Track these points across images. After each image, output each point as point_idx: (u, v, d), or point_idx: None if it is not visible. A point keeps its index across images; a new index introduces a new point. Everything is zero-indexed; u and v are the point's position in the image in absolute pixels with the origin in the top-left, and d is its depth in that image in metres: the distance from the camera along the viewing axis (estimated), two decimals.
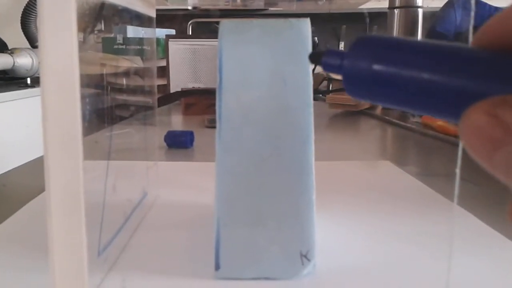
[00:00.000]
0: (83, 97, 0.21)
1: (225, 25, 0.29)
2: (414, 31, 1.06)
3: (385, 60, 0.12)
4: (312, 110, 0.28)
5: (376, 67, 0.12)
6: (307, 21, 0.29)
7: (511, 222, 0.12)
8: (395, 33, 1.07)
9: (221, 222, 0.28)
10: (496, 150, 0.10)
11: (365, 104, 1.04)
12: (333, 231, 0.36)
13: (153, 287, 0.28)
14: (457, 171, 0.19)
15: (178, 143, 0.66)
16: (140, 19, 0.39)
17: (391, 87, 0.12)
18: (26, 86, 0.82)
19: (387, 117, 0.94)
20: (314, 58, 0.15)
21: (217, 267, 0.28)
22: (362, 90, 0.13)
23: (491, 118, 0.10)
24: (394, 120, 0.91)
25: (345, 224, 0.38)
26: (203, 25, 2.11)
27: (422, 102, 0.11)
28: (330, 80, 1.38)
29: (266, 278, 0.28)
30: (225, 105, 0.28)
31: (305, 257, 0.28)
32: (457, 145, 0.14)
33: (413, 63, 0.11)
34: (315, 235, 0.29)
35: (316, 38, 1.30)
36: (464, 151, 0.12)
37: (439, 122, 0.79)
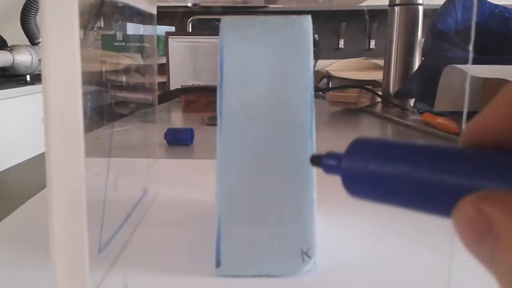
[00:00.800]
0: (84, 94, 0.21)
1: (226, 21, 0.29)
2: (414, 29, 1.06)
3: (380, 161, 0.13)
4: (313, 107, 0.28)
5: (372, 167, 0.13)
6: (309, 18, 0.29)
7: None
8: (396, 30, 1.07)
9: (222, 219, 0.28)
10: (481, 241, 0.11)
11: (365, 101, 1.04)
12: (334, 229, 0.36)
13: (154, 284, 0.28)
14: None
15: (178, 140, 0.66)
16: (141, 16, 0.39)
17: (387, 186, 0.13)
18: (26, 83, 0.82)
19: (387, 115, 0.94)
20: (315, 160, 0.15)
21: (218, 264, 0.28)
22: (360, 189, 0.13)
23: (477, 212, 0.11)
24: (394, 118, 0.91)
25: (346, 222, 0.38)
26: (203, 22, 2.11)
27: (418, 200, 0.12)
28: (330, 77, 1.38)
29: (267, 275, 0.28)
30: (226, 102, 0.28)
31: (306, 254, 0.28)
32: (457, 142, 0.14)
33: (405, 163, 0.12)
34: (316, 233, 0.29)
35: (316, 35, 1.30)
36: None
37: (439, 120, 0.79)
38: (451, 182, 0.11)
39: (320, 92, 1.19)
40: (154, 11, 0.42)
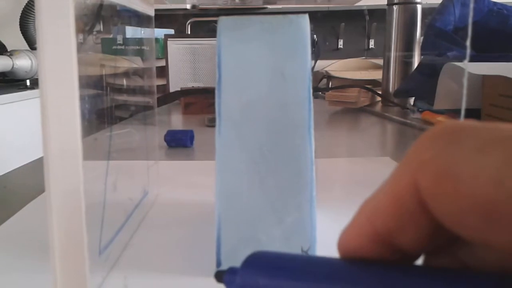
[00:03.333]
0: (82, 98, 0.21)
1: (224, 21, 0.29)
2: (413, 27, 1.06)
3: (268, 276, 0.14)
4: (311, 105, 0.28)
5: (262, 282, 0.14)
6: (306, 17, 0.29)
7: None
8: (394, 29, 1.07)
9: (222, 219, 0.28)
10: None
11: (364, 101, 1.04)
12: (333, 227, 0.36)
13: (155, 285, 0.28)
14: None
15: (178, 142, 0.67)
16: (139, 19, 0.39)
17: None
18: (26, 88, 0.83)
19: (386, 114, 0.94)
20: (219, 277, 0.16)
21: (218, 264, 0.28)
22: None
23: None
24: (394, 117, 0.91)
25: (346, 220, 0.37)
26: (202, 24, 2.11)
27: None
28: (330, 78, 1.38)
29: None
30: (225, 101, 0.28)
31: (306, 253, 0.28)
32: None
33: (291, 278, 0.13)
34: (316, 231, 0.29)
35: (315, 36, 1.30)
36: None
37: (439, 118, 0.79)
38: None
39: (320, 92, 1.19)
40: (152, 13, 0.42)
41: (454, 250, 0.12)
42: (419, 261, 0.13)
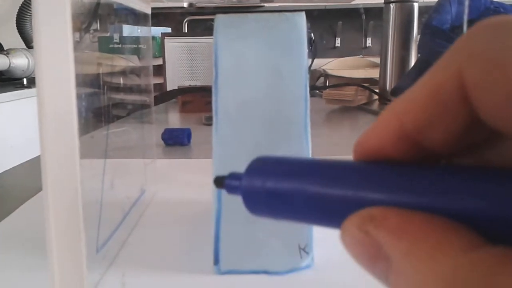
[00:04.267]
0: (79, 96, 0.21)
1: (220, 19, 0.29)
2: (410, 26, 1.06)
3: (276, 178, 0.13)
4: (308, 102, 0.28)
5: (269, 185, 0.13)
6: (302, 14, 0.29)
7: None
8: (391, 28, 1.07)
9: (220, 217, 0.28)
10: (374, 263, 0.11)
11: (362, 99, 1.04)
12: None
13: (152, 283, 0.28)
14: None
15: (176, 140, 0.67)
16: (135, 17, 0.39)
17: (285, 203, 0.13)
18: (23, 86, 0.82)
19: None
20: (218, 182, 0.16)
21: (216, 261, 0.28)
22: (260, 208, 0.14)
23: (363, 235, 0.11)
24: None
25: None
26: (199, 22, 2.11)
27: (315, 216, 0.13)
28: (327, 76, 1.38)
29: (265, 272, 0.28)
30: (221, 99, 0.28)
31: (304, 250, 0.28)
32: None
33: (300, 180, 0.12)
34: (313, 229, 0.29)
35: (312, 34, 1.30)
36: None
37: None
38: (341, 197, 0.12)
39: (317, 91, 1.20)
40: (148, 11, 0.42)
41: (481, 151, 0.12)
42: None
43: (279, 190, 0.13)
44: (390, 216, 0.10)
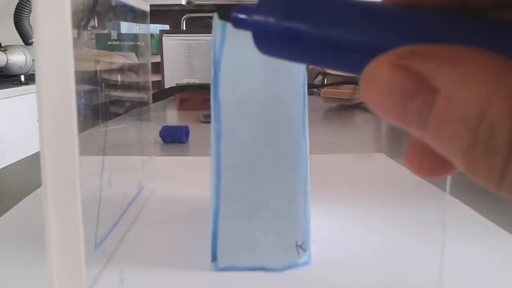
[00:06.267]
0: (78, 93, 0.21)
1: None
2: None
3: (294, 15, 0.11)
4: (306, 100, 0.29)
5: (285, 23, 0.11)
6: None
7: (408, 164, 0.12)
8: None
9: (217, 214, 0.28)
10: (409, 102, 0.10)
11: (359, 97, 1.04)
12: (328, 222, 0.36)
13: (150, 279, 0.28)
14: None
15: (174, 138, 0.67)
16: (134, 14, 0.39)
17: (303, 43, 0.11)
18: (20, 83, 0.82)
19: None
20: (223, 14, 0.14)
21: (214, 258, 0.29)
22: (271, 46, 0.12)
23: (400, 70, 0.10)
24: None
25: (340, 215, 0.38)
26: (197, 20, 2.11)
27: (330, 57, 0.11)
28: (325, 74, 1.38)
29: (262, 269, 0.28)
30: (220, 97, 0.28)
31: (301, 247, 0.29)
32: None
33: (322, 18, 0.11)
34: (310, 226, 0.29)
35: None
36: None
37: None
38: (369, 39, 0.10)
39: (315, 89, 1.20)
40: (147, 8, 0.42)
41: None
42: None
43: (297, 28, 0.11)
44: (437, 48, 0.10)
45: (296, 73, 0.29)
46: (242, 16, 0.13)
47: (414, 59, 0.10)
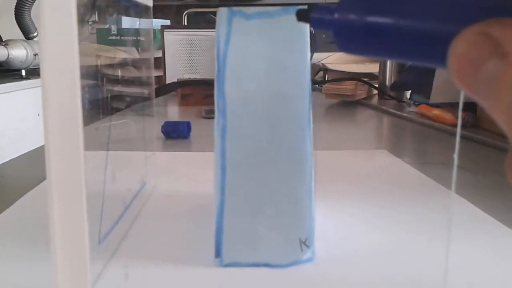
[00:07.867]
0: (82, 88, 0.21)
1: (223, 12, 0.29)
2: None
3: (377, 10, 0.12)
4: (310, 97, 0.28)
5: (369, 18, 0.12)
6: (305, 8, 0.29)
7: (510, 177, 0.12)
8: None
9: (222, 210, 0.28)
10: (480, 68, 0.11)
11: (361, 94, 1.04)
12: (331, 219, 0.36)
13: (154, 274, 0.28)
14: (455, 156, 0.19)
15: (175, 133, 0.67)
16: (137, 9, 0.39)
17: (385, 37, 0.12)
18: (21, 78, 0.82)
19: (383, 107, 0.95)
20: (302, 15, 0.14)
21: (218, 254, 0.28)
22: (355, 43, 0.12)
23: (481, 37, 0.11)
24: (390, 110, 0.91)
25: (343, 212, 0.38)
26: (199, 15, 2.10)
27: (414, 47, 0.11)
28: (326, 70, 1.38)
29: (266, 265, 0.28)
30: (223, 93, 0.28)
31: (304, 243, 0.29)
32: (453, 134, 0.15)
33: (403, 9, 0.11)
34: (314, 222, 0.29)
35: (312, 28, 1.29)
36: (461, 139, 0.12)
37: (435, 111, 0.79)
38: (448, 25, 0.11)
39: (317, 85, 1.19)
40: (150, 3, 0.42)
41: None
42: None
43: (380, 22, 0.12)
44: None
45: (301, 69, 0.28)
46: (322, 16, 0.13)
47: (495, 27, 0.11)
